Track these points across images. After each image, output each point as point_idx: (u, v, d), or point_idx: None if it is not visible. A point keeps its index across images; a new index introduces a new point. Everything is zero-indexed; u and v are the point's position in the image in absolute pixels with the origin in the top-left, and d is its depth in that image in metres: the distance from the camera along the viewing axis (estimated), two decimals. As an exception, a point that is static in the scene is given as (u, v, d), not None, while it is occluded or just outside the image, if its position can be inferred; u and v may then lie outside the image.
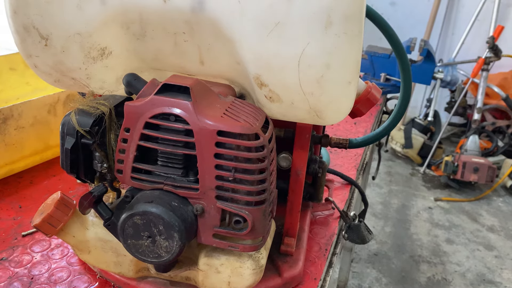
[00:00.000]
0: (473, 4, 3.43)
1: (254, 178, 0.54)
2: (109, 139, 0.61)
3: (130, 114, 0.54)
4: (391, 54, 1.77)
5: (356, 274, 2.28)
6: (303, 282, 0.73)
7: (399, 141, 3.50)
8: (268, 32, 0.51)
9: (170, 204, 0.55)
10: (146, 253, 0.57)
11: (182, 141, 0.54)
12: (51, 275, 0.71)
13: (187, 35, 0.57)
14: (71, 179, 0.99)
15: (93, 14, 0.56)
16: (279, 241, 0.75)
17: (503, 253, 2.54)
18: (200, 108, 0.53)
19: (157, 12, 0.55)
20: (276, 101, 0.57)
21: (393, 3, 3.89)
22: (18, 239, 0.79)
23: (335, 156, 1.20)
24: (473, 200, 3.04)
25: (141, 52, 0.61)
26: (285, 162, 0.70)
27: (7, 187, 0.95)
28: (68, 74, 0.62)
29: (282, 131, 0.72)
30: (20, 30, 0.57)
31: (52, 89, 0.87)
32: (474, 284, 2.27)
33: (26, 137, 0.95)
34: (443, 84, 3.22)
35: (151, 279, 0.67)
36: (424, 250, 2.51)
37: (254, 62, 0.54)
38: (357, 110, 0.73)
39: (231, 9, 0.51)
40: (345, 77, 0.53)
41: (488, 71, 3.04)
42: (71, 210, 0.63)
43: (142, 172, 0.57)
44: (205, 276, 0.62)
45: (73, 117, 0.58)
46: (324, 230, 0.87)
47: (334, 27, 0.49)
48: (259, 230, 0.57)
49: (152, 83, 0.57)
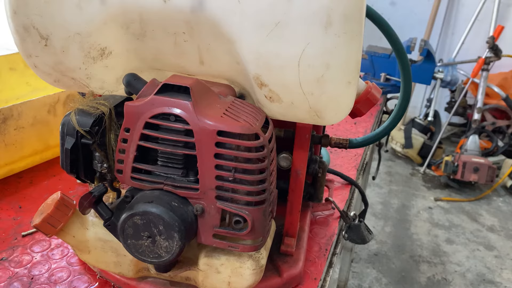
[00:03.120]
0: (473, 4, 3.43)
1: (254, 178, 0.54)
2: (109, 139, 0.61)
3: (130, 114, 0.54)
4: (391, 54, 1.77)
5: (356, 274, 2.28)
6: (303, 282, 0.73)
7: (399, 141, 3.50)
8: (268, 32, 0.51)
9: (170, 204, 0.55)
10: (146, 253, 0.57)
11: (182, 141, 0.54)
12: (51, 275, 0.71)
13: (187, 35, 0.57)
14: (71, 179, 0.99)
15: (93, 14, 0.56)
16: (279, 241, 0.75)
17: (503, 253, 2.54)
18: (200, 108, 0.53)
19: (157, 12, 0.55)
20: (276, 101, 0.57)
21: (393, 3, 3.89)
22: (18, 239, 0.79)
23: (335, 156, 1.20)
24: (473, 200, 3.04)
25: (141, 52, 0.61)
26: (285, 162, 0.70)
27: (7, 187, 0.95)
28: (68, 74, 0.62)
29: (282, 131, 0.72)
30: (20, 30, 0.57)
31: (52, 89, 0.87)
32: (474, 284, 2.27)
33: (26, 137, 0.95)
34: (443, 84, 3.22)
35: (151, 279, 0.67)
36: (424, 250, 2.51)
37: (254, 62, 0.54)
38: (357, 110, 0.73)
39: (231, 9, 0.51)
40: (345, 77, 0.53)
41: (488, 71, 3.04)
42: (71, 210, 0.63)
43: (142, 172, 0.57)
44: (205, 276, 0.62)
45: (73, 117, 0.58)
46: (324, 230, 0.87)
47: (334, 27, 0.49)
48: (259, 230, 0.57)
49: (152, 83, 0.57)
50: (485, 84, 3.07)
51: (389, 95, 1.78)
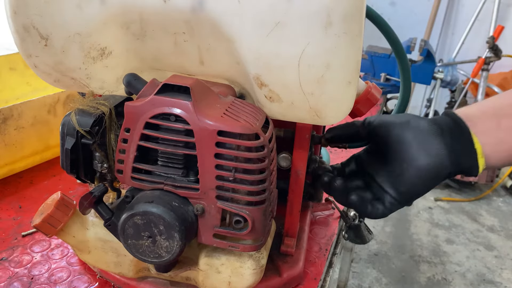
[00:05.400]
0: (473, 4, 3.43)
1: (254, 178, 0.54)
2: (109, 139, 0.61)
3: (130, 114, 0.54)
4: (391, 54, 1.77)
5: (356, 274, 2.28)
6: (303, 282, 0.73)
7: (399, 141, 3.49)
8: (268, 32, 0.51)
9: (171, 204, 0.55)
10: (147, 253, 0.57)
11: (183, 141, 0.54)
12: (51, 275, 0.71)
13: (187, 35, 0.57)
14: (71, 179, 0.99)
15: (93, 14, 0.56)
16: (279, 241, 0.75)
17: (503, 253, 2.54)
18: (200, 108, 0.53)
19: (157, 12, 0.55)
20: (276, 101, 0.57)
21: (393, 3, 3.88)
22: (18, 239, 0.79)
23: (335, 156, 1.20)
24: (473, 200, 3.04)
25: (141, 52, 0.61)
26: (285, 162, 0.70)
27: (7, 187, 0.95)
28: (68, 74, 0.62)
29: (282, 131, 0.72)
30: (20, 30, 0.57)
31: (52, 89, 0.87)
32: (474, 284, 2.27)
33: (26, 137, 0.95)
34: (443, 84, 3.22)
35: (151, 279, 0.67)
36: (424, 250, 2.51)
37: (254, 62, 0.54)
38: (357, 110, 0.73)
39: (231, 9, 0.51)
40: (345, 77, 0.53)
41: (488, 71, 3.04)
42: (71, 210, 0.63)
43: (142, 172, 0.57)
44: (206, 276, 0.62)
45: (73, 117, 0.58)
46: (324, 230, 0.87)
47: (334, 27, 0.49)
48: (259, 230, 0.57)
49: (152, 83, 0.57)
50: (485, 84, 3.07)
51: (389, 95, 1.78)
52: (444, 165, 0.58)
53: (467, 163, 0.58)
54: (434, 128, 0.59)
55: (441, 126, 0.59)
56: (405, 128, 0.60)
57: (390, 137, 0.61)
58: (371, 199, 0.63)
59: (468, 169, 0.58)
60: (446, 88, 3.40)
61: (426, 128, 0.59)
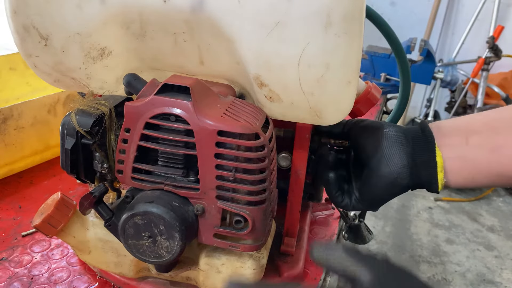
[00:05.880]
0: (473, 4, 3.43)
1: (254, 177, 0.54)
2: (109, 139, 0.61)
3: (130, 114, 0.54)
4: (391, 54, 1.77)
5: (356, 274, 2.27)
6: (303, 282, 0.73)
7: (399, 141, 3.49)
8: (268, 32, 0.51)
9: (171, 204, 0.55)
10: (147, 253, 0.57)
11: (183, 141, 0.54)
12: (51, 275, 0.71)
13: (187, 35, 0.57)
14: (71, 179, 0.99)
15: (93, 14, 0.56)
16: (279, 241, 0.75)
17: (503, 253, 2.54)
18: (200, 108, 0.53)
19: (157, 12, 0.55)
20: (276, 101, 0.57)
21: (393, 3, 3.89)
22: (18, 239, 0.79)
23: (335, 156, 1.19)
24: (473, 200, 3.04)
25: (141, 52, 0.61)
26: (285, 162, 0.70)
27: (7, 187, 0.95)
28: (68, 74, 0.62)
29: (281, 131, 0.72)
30: (20, 30, 0.57)
31: (52, 89, 0.87)
32: (474, 284, 2.27)
33: (26, 137, 0.95)
34: (443, 84, 3.22)
35: (151, 279, 0.67)
36: (424, 250, 2.51)
37: (254, 62, 0.54)
38: (357, 110, 0.73)
39: (231, 9, 0.51)
40: (345, 77, 0.53)
41: (488, 71, 3.04)
42: (71, 210, 0.63)
43: (142, 172, 0.57)
44: (206, 276, 0.62)
45: (73, 117, 0.58)
46: (324, 230, 0.87)
47: (334, 27, 0.49)
48: (259, 230, 0.57)
49: (152, 83, 0.57)
50: (485, 84, 3.07)
51: (389, 95, 1.78)
52: (402, 175, 0.57)
53: (426, 176, 0.57)
54: (401, 137, 0.58)
55: (408, 135, 0.58)
56: (374, 135, 0.60)
57: (360, 142, 0.62)
58: (344, 190, 0.64)
59: (427, 182, 0.57)
60: (446, 88, 3.40)
61: (393, 136, 0.59)
